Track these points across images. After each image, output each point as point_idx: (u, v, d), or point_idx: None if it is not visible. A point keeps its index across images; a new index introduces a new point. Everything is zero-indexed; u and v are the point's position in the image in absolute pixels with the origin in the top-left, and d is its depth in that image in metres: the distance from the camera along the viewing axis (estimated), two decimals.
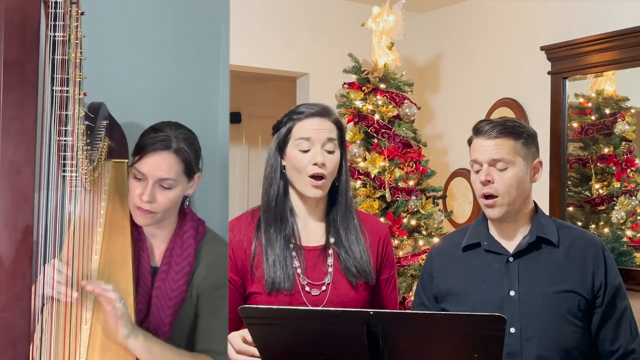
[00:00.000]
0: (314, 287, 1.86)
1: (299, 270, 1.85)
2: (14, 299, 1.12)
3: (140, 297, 1.74)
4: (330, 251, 1.89)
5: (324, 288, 1.86)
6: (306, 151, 1.84)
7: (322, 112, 1.88)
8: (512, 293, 1.83)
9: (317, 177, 1.83)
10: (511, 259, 1.87)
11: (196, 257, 1.79)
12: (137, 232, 1.79)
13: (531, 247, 1.87)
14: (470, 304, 1.86)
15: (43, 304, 1.52)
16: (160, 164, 1.70)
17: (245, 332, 1.74)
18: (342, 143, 1.91)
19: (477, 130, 1.91)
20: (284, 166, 1.88)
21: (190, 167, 1.76)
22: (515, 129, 1.87)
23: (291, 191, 1.91)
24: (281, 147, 1.89)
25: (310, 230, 1.91)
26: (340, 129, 1.91)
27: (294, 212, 1.90)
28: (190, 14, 2.17)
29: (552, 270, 1.84)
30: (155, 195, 1.70)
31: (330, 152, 1.86)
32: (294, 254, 1.86)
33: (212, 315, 1.77)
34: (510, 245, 1.89)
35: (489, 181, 1.84)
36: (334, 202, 1.93)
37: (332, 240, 1.90)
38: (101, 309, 1.63)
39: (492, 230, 1.93)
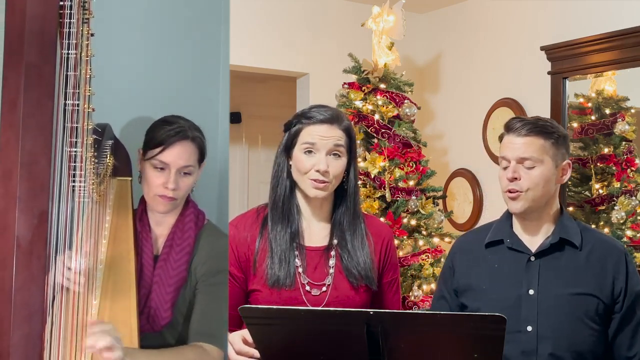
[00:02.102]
0: (314, 287, 1.86)
1: (300, 270, 1.86)
2: (30, 278, 1.23)
3: (143, 283, 1.81)
4: (333, 252, 1.90)
5: (324, 289, 1.87)
6: (311, 156, 1.84)
7: (332, 119, 1.87)
8: (531, 292, 1.84)
9: (319, 181, 1.84)
10: (533, 258, 1.87)
11: (195, 243, 1.87)
12: (141, 224, 1.86)
13: (553, 248, 1.87)
14: (489, 300, 1.87)
15: (53, 298, 1.56)
16: (182, 153, 1.81)
17: (246, 333, 1.74)
18: (351, 149, 1.91)
19: (508, 128, 1.91)
20: (290, 165, 1.89)
21: (203, 154, 1.87)
22: (546, 129, 1.87)
23: (297, 191, 1.92)
24: (288, 148, 1.90)
25: (313, 230, 1.92)
26: (350, 136, 1.90)
27: (300, 211, 1.91)
28: (190, 15, 2.17)
29: (572, 272, 1.85)
30: (179, 182, 1.82)
31: (337, 157, 1.86)
32: (296, 252, 1.87)
33: (209, 300, 1.82)
34: (533, 245, 1.89)
35: (516, 178, 1.85)
36: (341, 205, 1.93)
37: (335, 241, 1.91)
38: (106, 311, 1.67)
39: (516, 228, 1.93)
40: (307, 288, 1.85)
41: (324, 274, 1.88)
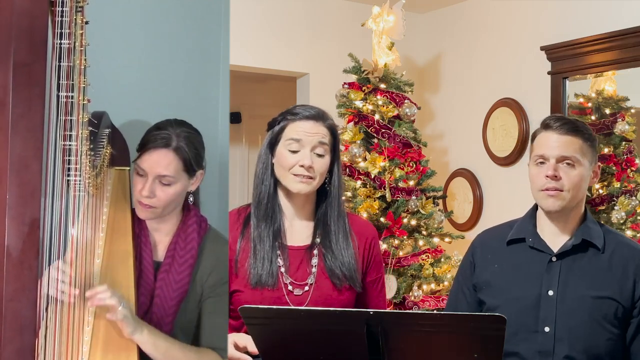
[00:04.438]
0: (296, 286, 1.85)
1: (282, 269, 1.85)
2: (21, 289, 1.17)
3: (142, 290, 1.78)
4: (315, 252, 1.89)
5: (306, 288, 1.86)
6: (295, 152, 1.84)
7: (317, 116, 1.87)
8: (550, 292, 1.83)
9: (303, 177, 1.83)
10: (554, 259, 1.86)
11: (199, 253, 1.83)
12: (139, 227, 1.83)
13: (575, 249, 1.85)
14: (508, 299, 1.86)
15: (47, 304, 1.54)
16: (159, 161, 1.75)
17: (237, 337, 1.74)
18: (334, 149, 1.90)
19: (547, 125, 1.87)
20: (274, 164, 1.89)
21: (190, 165, 1.80)
22: (585, 129, 1.87)
23: (279, 189, 1.91)
24: (272, 146, 1.90)
25: (296, 229, 1.91)
26: (334, 135, 1.90)
27: (281, 210, 1.91)
28: (191, 15, 2.17)
29: (593, 274, 1.83)
30: (155, 190, 1.75)
31: (320, 156, 1.85)
32: (278, 252, 1.86)
33: (216, 312, 1.80)
34: (555, 245, 1.88)
35: (556, 177, 1.82)
36: (325, 205, 1.92)
37: (317, 240, 1.90)
38: (103, 310, 1.65)
39: (539, 228, 1.92)
40: (290, 288, 1.85)
41: (306, 273, 1.87)
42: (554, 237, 1.89)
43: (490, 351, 1.39)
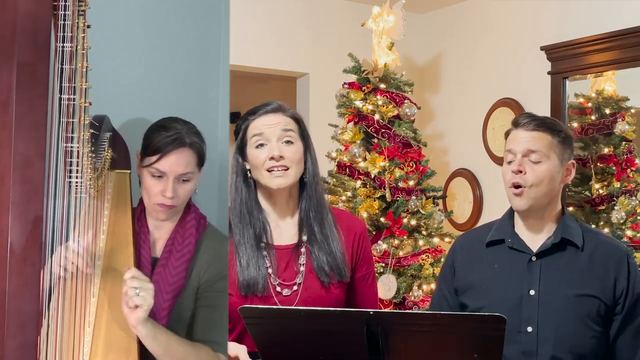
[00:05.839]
0: (285, 287, 1.84)
1: (270, 271, 1.84)
2: (24, 285, 1.19)
3: None
4: (303, 250, 1.88)
5: (295, 288, 1.85)
6: (262, 147, 1.84)
7: (276, 108, 1.87)
8: (532, 292, 1.83)
9: (277, 169, 1.83)
10: (534, 258, 1.86)
11: (197, 248, 1.84)
12: (139, 225, 1.84)
13: (555, 248, 1.86)
14: (490, 300, 1.86)
15: (49, 297, 1.55)
16: (179, 161, 1.77)
17: (230, 348, 1.73)
18: (304, 136, 1.89)
19: (516, 123, 1.90)
20: (249, 169, 1.88)
21: (203, 158, 1.83)
22: (554, 126, 1.88)
23: (259, 192, 1.90)
24: (242, 150, 1.89)
25: (282, 229, 1.90)
26: (299, 123, 1.89)
27: (264, 212, 1.90)
28: (191, 15, 2.17)
29: (574, 273, 1.84)
30: (177, 190, 1.78)
31: (289, 142, 1.84)
32: (264, 253, 1.85)
33: (212, 306, 1.80)
34: (534, 245, 1.88)
35: (521, 171, 1.84)
36: (304, 197, 1.90)
37: (304, 238, 1.88)
38: (104, 307, 1.65)
39: (518, 228, 1.92)
40: (278, 289, 1.84)
41: (294, 272, 1.86)
42: (533, 237, 1.90)
43: (490, 351, 1.39)
